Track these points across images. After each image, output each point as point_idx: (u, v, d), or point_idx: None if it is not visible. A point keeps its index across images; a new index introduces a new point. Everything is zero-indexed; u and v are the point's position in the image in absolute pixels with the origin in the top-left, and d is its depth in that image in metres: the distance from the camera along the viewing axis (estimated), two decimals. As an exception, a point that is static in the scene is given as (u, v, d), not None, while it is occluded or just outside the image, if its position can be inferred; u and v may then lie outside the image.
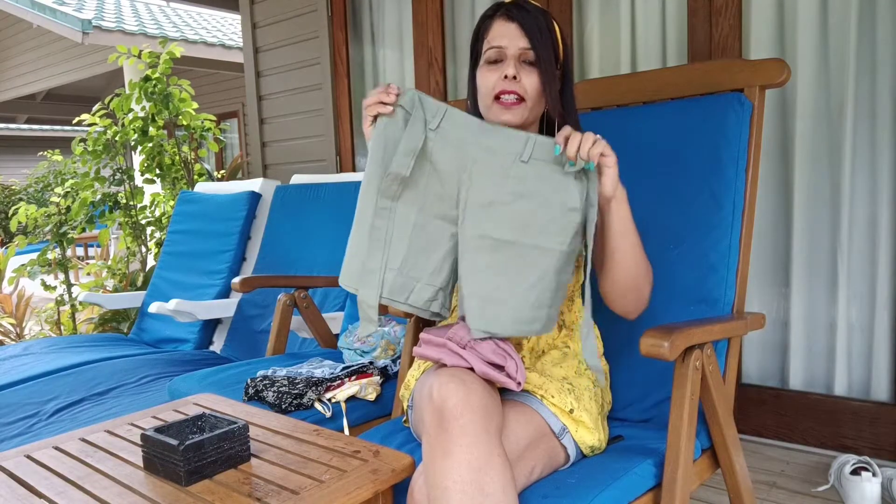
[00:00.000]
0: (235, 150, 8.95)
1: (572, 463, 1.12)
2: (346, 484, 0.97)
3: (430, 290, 1.10)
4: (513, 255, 1.05)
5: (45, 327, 4.00)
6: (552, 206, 1.05)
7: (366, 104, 1.10)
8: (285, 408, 1.50)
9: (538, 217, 1.05)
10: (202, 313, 2.53)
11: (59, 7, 6.60)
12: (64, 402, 1.98)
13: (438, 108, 1.09)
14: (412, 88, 1.11)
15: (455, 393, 0.95)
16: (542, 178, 1.05)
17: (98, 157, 3.88)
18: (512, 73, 1.14)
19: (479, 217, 1.06)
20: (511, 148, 1.07)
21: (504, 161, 1.06)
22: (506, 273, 1.05)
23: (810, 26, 2.01)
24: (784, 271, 2.11)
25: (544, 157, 1.06)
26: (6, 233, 11.67)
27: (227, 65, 7.52)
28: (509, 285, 1.05)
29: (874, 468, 1.68)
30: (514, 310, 1.05)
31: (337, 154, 3.28)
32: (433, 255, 1.09)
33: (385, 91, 1.08)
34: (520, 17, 1.15)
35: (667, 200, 1.42)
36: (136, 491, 0.98)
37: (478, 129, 1.08)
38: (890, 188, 1.92)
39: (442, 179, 1.08)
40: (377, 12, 3.14)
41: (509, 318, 1.05)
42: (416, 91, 1.11)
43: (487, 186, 1.06)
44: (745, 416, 2.16)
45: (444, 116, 1.09)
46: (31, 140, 14.79)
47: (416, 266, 1.09)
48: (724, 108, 1.36)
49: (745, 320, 1.25)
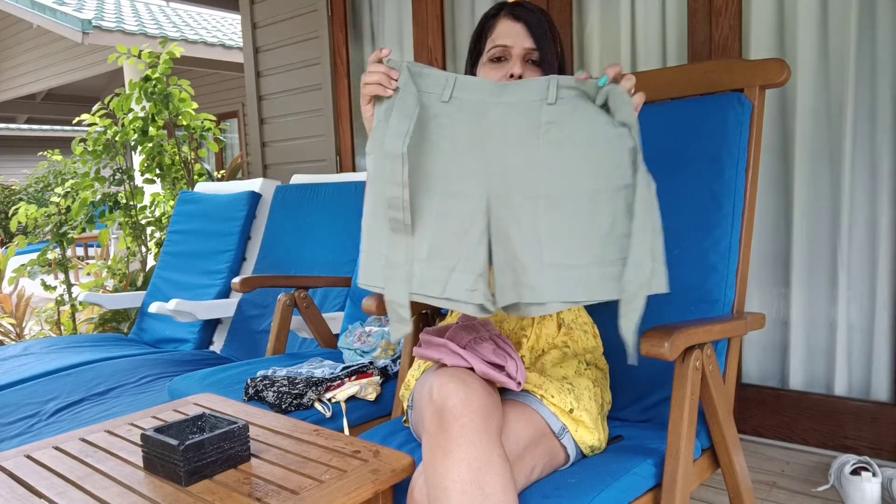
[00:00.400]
0: (235, 150, 8.95)
1: (572, 463, 1.12)
2: (346, 484, 0.97)
3: (469, 279, 0.96)
4: (575, 210, 0.93)
5: (45, 327, 4.00)
6: (597, 140, 0.94)
7: (364, 81, 1.02)
8: (285, 408, 1.50)
9: (588, 157, 0.93)
10: (202, 313, 2.53)
11: (59, 7, 6.60)
12: (64, 402, 1.98)
13: (447, 79, 1.00)
14: (406, 61, 1.01)
15: (455, 393, 0.95)
16: (577, 115, 0.96)
17: (98, 157, 3.88)
18: (518, 73, 1.15)
19: (522, 179, 0.95)
20: (534, 95, 0.97)
21: (531, 112, 0.97)
22: (573, 232, 0.92)
23: (810, 26, 2.01)
24: (784, 271, 2.11)
25: (570, 94, 0.97)
26: (6, 233, 11.66)
27: (227, 65, 7.52)
28: (581, 244, 0.92)
29: (874, 468, 1.68)
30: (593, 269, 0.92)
31: (337, 154, 3.28)
32: (465, 239, 0.96)
33: (386, 73, 1.00)
34: (525, 18, 1.17)
35: (667, 200, 1.41)
36: (136, 491, 0.98)
37: (495, 89, 0.99)
38: (890, 188, 1.92)
39: (462, 154, 0.98)
40: (377, 12, 3.14)
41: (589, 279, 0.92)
42: (412, 63, 1.02)
43: (523, 143, 0.96)
44: (745, 416, 2.16)
45: (454, 85, 1.00)
46: (31, 140, 14.79)
47: (447, 253, 0.96)
48: (724, 107, 1.36)
49: (745, 320, 1.25)
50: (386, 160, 0.95)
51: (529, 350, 1.21)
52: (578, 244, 0.93)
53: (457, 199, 0.97)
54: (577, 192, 0.93)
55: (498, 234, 0.97)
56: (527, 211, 0.94)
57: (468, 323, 1.13)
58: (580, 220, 0.93)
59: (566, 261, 0.93)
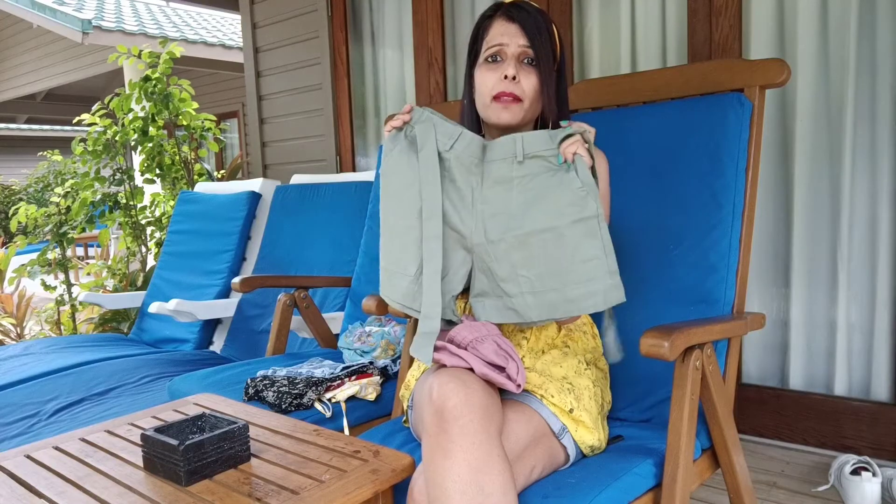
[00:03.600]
0: (235, 150, 8.95)
1: (572, 463, 1.12)
2: (346, 484, 0.97)
3: (446, 298, 1.15)
4: (541, 242, 1.08)
5: (45, 327, 4.00)
6: (560, 188, 1.08)
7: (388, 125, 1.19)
8: (285, 408, 1.50)
9: (550, 202, 1.08)
10: (202, 313, 2.53)
11: (59, 7, 6.60)
12: (64, 402, 1.98)
13: (454, 131, 1.14)
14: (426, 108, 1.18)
15: (455, 393, 0.95)
16: (541, 169, 1.10)
17: (98, 157, 3.88)
18: (512, 74, 1.15)
19: (498, 222, 1.11)
20: (506, 152, 1.12)
21: (504, 166, 1.12)
22: (543, 261, 1.07)
23: (810, 26, 2.01)
24: (784, 271, 2.11)
25: (536, 151, 1.11)
26: (6, 233, 11.66)
27: (227, 65, 7.52)
28: (551, 270, 1.07)
29: (874, 468, 1.68)
30: (564, 290, 1.07)
31: (337, 154, 3.28)
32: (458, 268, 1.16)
33: (402, 117, 1.17)
34: (520, 18, 1.17)
35: (667, 200, 1.42)
36: (136, 491, 0.98)
37: (482, 146, 1.14)
38: (890, 188, 1.92)
39: (457, 192, 1.14)
40: (377, 12, 3.14)
41: (562, 298, 1.07)
42: (430, 110, 1.17)
43: (499, 193, 1.11)
44: (745, 416, 2.16)
45: (458, 138, 1.14)
46: (31, 140, 14.79)
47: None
48: (724, 108, 1.36)
49: (745, 320, 1.25)
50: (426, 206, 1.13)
51: (529, 351, 1.21)
52: (548, 271, 1.07)
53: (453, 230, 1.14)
54: (542, 230, 1.08)
55: (481, 265, 1.13)
56: (503, 247, 1.10)
57: (470, 323, 1.13)
58: (547, 251, 1.07)
59: (539, 287, 1.08)
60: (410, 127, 1.16)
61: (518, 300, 1.09)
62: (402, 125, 1.16)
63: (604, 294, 1.05)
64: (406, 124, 1.16)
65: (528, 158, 1.11)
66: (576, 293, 1.06)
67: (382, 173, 1.19)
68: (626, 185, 1.46)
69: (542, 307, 1.08)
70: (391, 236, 1.18)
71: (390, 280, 1.18)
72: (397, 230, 1.16)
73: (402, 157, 1.17)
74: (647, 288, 1.39)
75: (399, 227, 1.16)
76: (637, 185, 1.46)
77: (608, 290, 1.06)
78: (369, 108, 3.24)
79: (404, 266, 1.15)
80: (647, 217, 1.42)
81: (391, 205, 1.18)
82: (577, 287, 1.06)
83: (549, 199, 1.08)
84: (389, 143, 1.18)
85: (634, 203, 1.45)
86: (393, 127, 1.17)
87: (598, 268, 1.06)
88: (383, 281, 1.19)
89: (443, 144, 1.14)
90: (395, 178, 1.17)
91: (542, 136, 1.10)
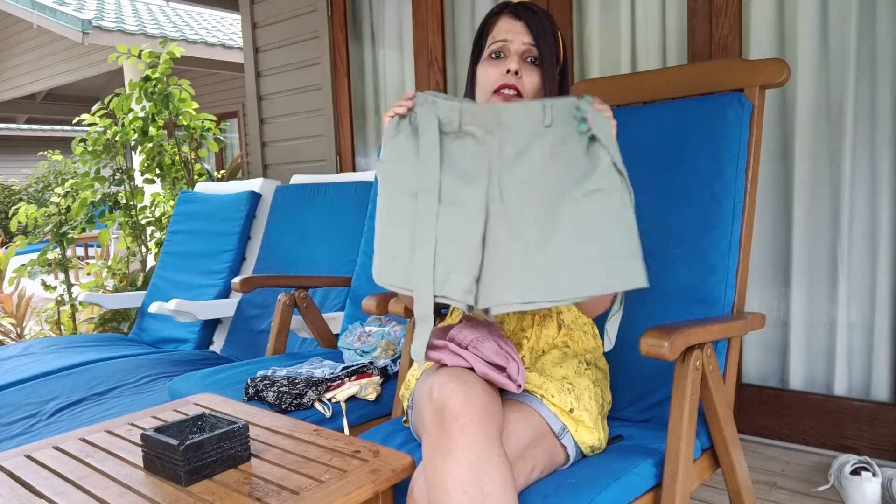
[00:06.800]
0: (235, 150, 8.95)
1: (572, 463, 1.12)
2: (346, 484, 0.97)
3: (466, 280, 1.02)
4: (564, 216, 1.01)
5: (45, 327, 4.00)
6: (581, 159, 1.03)
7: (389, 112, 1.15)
8: (285, 408, 1.50)
9: (573, 171, 1.02)
10: (202, 313, 2.53)
11: (59, 7, 6.60)
12: (64, 402, 1.98)
13: (458, 106, 1.08)
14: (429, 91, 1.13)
15: (455, 393, 0.95)
16: (567, 137, 1.05)
17: (98, 157, 3.88)
18: (515, 68, 1.16)
19: (516, 191, 1.04)
20: (531, 118, 1.06)
21: (527, 132, 1.05)
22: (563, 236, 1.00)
23: (810, 26, 2.01)
24: (784, 271, 2.11)
25: (563, 118, 1.05)
26: (6, 233, 11.66)
27: (227, 65, 7.52)
28: (571, 246, 1.00)
29: (874, 468, 1.68)
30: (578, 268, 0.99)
31: (337, 154, 3.28)
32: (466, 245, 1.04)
33: (404, 102, 1.12)
34: (526, 17, 1.19)
35: (667, 200, 1.42)
36: (136, 491, 0.98)
37: (494, 113, 1.07)
38: (890, 188, 1.92)
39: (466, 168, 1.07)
40: (377, 12, 3.14)
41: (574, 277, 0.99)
42: (431, 93, 1.12)
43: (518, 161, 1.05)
44: (745, 416, 2.16)
45: (464, 113, 1.07)
46: (31, 140, 14.79)
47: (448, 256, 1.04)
48: (724, 108, 1.36)
49: (745, 320, 1.25)
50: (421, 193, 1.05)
51: (530, 351, 1.21)
52: (568, 247, 1.00)
53: (459, 206, 1.04)
54: (566, 199, 1.01)
55: (491, 241, 1.03)
56: (517, 220, 1.02)
57: (472, 322, 1.13)
58: (564, 224, 1.00)
59: (553, 262, 0.99)
60: (414, 113, 1.11)
61: (550, 275, 1.00)
62: (407, 112, 1.12)
63: (630, 273, 0.99)
64: (410, 111, 1.12)
65: (553, 126, 1.05)
66: (592, 270, 0.99)
67: (383, 161, 1.11)
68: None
69: (576, 280, 0.99)
70: (389, 223, 1.09)
71: (392, 263, 1.07)
72: (396, 219, 1.08)
73: (408, 144, 1.11)
74: (646, 288, 1.39)
75: (398, 216, 1.08)
76: (637, 184, 1.45)
77: (632, 269, 0.99)
78: (369, 108, 3.25)
79: (403, 251, 1.06)
80: (646, 217, 1.42)
81: (392, 192, 1.10)
82: (593, 264, 0.99)
83: (567, 167, 1.03)
84: (392, 130, 1.13)
85: (634, 202, 1.45)
86: (396, 113, 1.12)
87: (626, 245, 0.99)
88: (379, 265, 1.09)
89: (448, 123, 1.08)
90: (400, 167, 1.10)
91: (569, 102, 1.06)
